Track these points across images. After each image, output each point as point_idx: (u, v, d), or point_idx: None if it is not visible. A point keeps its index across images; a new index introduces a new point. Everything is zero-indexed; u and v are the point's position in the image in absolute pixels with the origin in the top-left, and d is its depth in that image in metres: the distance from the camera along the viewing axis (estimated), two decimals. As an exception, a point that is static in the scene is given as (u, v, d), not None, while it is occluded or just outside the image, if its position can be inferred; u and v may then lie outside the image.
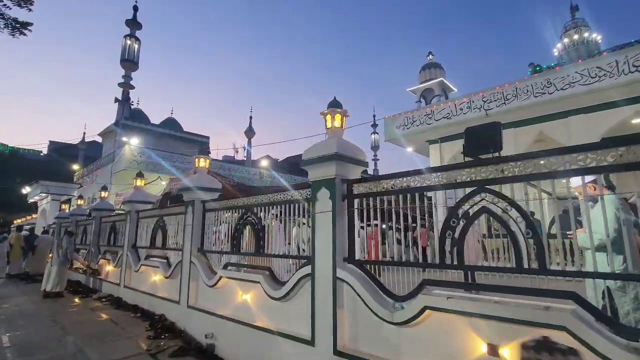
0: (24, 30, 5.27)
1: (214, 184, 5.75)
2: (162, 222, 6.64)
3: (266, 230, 4.36)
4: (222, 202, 5.26)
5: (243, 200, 4.75)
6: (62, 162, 37.67)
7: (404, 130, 11.52)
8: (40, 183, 17.46)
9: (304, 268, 3.62)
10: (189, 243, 5.51)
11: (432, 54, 12.64)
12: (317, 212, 3.54)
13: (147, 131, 22.98)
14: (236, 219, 4.81)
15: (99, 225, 9.82)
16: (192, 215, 5.53)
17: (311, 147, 3.72)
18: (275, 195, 4.27)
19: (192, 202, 5.58)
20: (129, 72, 22.95)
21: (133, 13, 23.43)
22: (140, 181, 8.04)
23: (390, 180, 3.17)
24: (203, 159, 5.82)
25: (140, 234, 7.56)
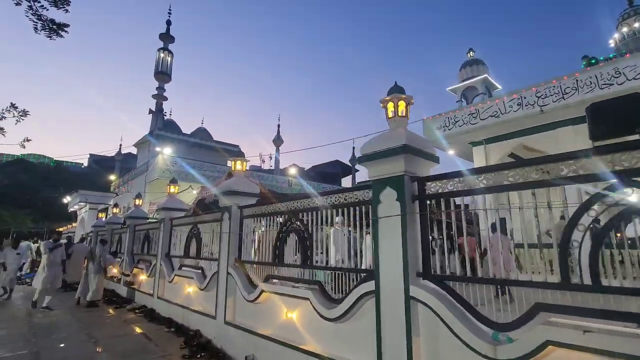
0: (61, 32, 5.10)
1: (251, 188, 5.31)
2: (196, 230, 6.28)
3: (315, 239, 3.82)
4: (261, 207, 4.79)
5: (286, 205, 4.25)
6: (100, 173, 39.40)
7: (446, 132, 10.70)
8: (79, 192, 18.03)
9: (366, 284, 3.03)
10: (225, 252, 5.08)
11: (472, 51, 11.84)
12: (381, 217, 2.95)
13: (179, 141, 23.36)
14: (278, 226, 4.32)
15: (133, 234, 9.70)
16: (229, 222, 5.10)
17: (371, 139, 3.17)
18: (324, 199, 3.73)
19: (229, 207, 5.16)
20: (162, 84, 23.56)
21: (166, 27, 24.16)
22: (174, 188, 7.80)
23: (479, 175, 2.55)
24: (240, 161, 5.41)
25: (174, 243, 7.26)
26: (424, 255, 2.76)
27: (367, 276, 3.12)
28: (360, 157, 3.10)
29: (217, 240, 5.49)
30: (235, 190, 5.08)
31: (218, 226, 5.49)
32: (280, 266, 4.27)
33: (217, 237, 5.52)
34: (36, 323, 6.42)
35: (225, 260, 5.02)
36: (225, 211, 5.23)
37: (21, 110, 11.02)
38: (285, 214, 4.26)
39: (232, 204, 5.12)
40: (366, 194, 3.30)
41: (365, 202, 3.30)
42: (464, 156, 12.26)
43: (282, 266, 4.25)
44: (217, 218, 5.57)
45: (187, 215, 7.68)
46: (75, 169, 61.83)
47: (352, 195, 3.46)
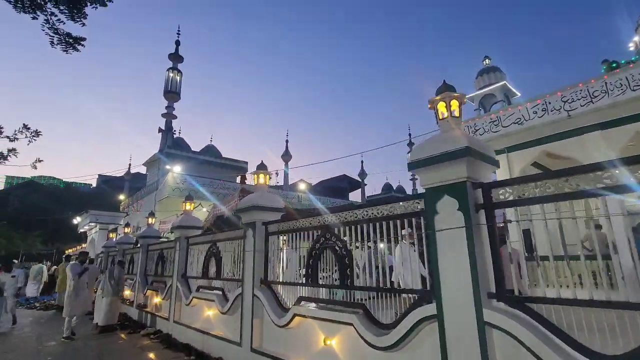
0: (77, 46, 4.94)
1: (276, 202, 4.99)
2: (215, 249, 5.94)
3: (354, 256, 3.46)
4: (289, 222, 4.45)
5: (319, 220, 3.92)
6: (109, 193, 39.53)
7: (466, 141, 10.40)
8: (89, 213, 17.87)
9: (424, 307, 2.65)
10: (250, 272, 4.72)
11: (488, 58, 11.63)
12: (440, 230, 2.60)
13: (189, 159, 23.33)
14: (310, 243, 3.97)
15: (146, 254, 9.37)
16: (253, 239, 4.76)
17: (422, 143, 2.86)
18: (363, 211, 3.39)
19: (253, 224, 4.83)
20: (171, 103, 23.73)
21: (175, 47, 24.53)
22: (189, 205, 7.51)
23: (559, 179, 2.20)
24: (262, 174, 5.12)
25: (191, 262, 6.91)
26: (496, 273, 2.39)
27: (421, 298, 2.75)
28: (412, 163, 2.78)
29: (240, 260, 5.15)
30: (259, 205, 4.76)
31: (240, 244, 5.16)
32: (314, 287, 3.90)
33: (239, 255, 5.19)
34: (47, 353, 6.05)
35: (250, 281, 4.65)
36: (248, 228, 4.90)
37: (33, 131, 10.97)
38: (317, 229, 3.92)
39: (256, 220, 4.80)
40: (415, 204, 2.95)
41: (413, 214, 2.96)
42: None
43: (317, 287, 3.87)
44: (239, 235, 5.24)
45: (204, 233, 7.37)
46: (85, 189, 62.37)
47: (397, 207, 3.11)
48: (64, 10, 4.79)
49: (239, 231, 5.29)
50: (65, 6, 4.75)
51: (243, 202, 4.98)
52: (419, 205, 2.92)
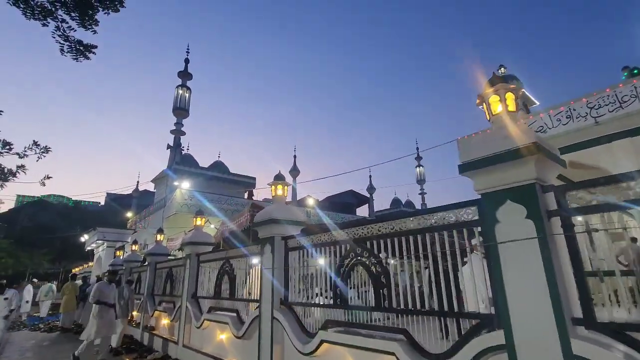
0: (88, 54, 4.73)
1: (296, 215, 4.62)
2: (228, 266, 5.54)
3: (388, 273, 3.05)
4: (311, 236, 4.07)
5: (347, 232, 3.53)
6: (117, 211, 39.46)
7: (485, 151, 10.00)
8: (97, 230, 17.61)
9: (488, 335, 2.23)
10: (268, 292, 4.30)
11: (504, 67, 11.40)
12: (503, 242, 2.20)
13: (197, 175, 23.16)
14: (338, 259, 3.57)
15: (154, 272, 8.98)
16: (272, 255, 4.37)
17: (475, 141, 2.50)
18: (401, 222, 3.00)
19: (271, 239, 4.45)
20: (180, 119, 23.79)
21: (184, 65, 24.81)
22: (200, 220, 7.17)
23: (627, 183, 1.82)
24: (281, 185, 4.77)
25: (202, 281, 6.50)
26: (581, 294, 1.97)
27: (483, 323, 2.32)
28: (465, 164, 2.41)
29: (256, 278, 4.75)
30: (277, 219, 4.39)
31: (258, 261, 4.77)
32: (344, 309, 3.47)
33: (257, 273, 4.79)
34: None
35: (269, 302, 4.24)
36: (266, 243, 4.52)
37: (43, 147, 10.84)
38: (345, 243, 3.53)
39: (274, 234, 4.42)
40: (466, 213, 2.57)
41: (465, 223, 2.57)
42: None
43: (347, 309, 3.45)
44: (255, 252, 4.86)
45: (214, 250, 6.99)
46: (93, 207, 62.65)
47: (446, 216, 2.72)
48: (75, 17, 4.61)
49: (255, 247, 4.91)
50: (77, 13, 4.58)
51: (260, 216, 4.61)
52: (471, 213, 2.54)
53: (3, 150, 10.55)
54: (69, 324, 10.73)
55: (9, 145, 10.60)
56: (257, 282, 4.81)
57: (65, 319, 10.72)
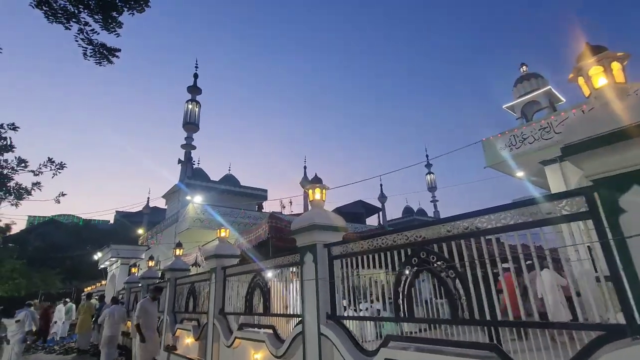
0: (112, 58, 4.51)
1: (337, 220, 4.26)
2: (260, 279, 5.17)
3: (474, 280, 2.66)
4: (360, 242, 3.69)
5: (406, 236, 3.15)
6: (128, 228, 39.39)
7: (513, 151, 9.58)
8: (111, 247, 17.36)
9: (624, 350, 1.82)
10: (312, 306, 3.91)
11: (525, 65, 11.08)
12: (633, 236, 1.82)
13: (209, 189, 22.96)
14: (397, 266, 3.18)
15: (174, 288, 8.60)
16: (314, 265, 3.99)
17: (576, 121, 2.14)
18: (478, 220, 2.63)
19: (312, 247, 4.08)
20: (190, 134, 23.76)
21: (194, 80, 24.93)
22: (224, 231, 6.82)
23: None
24: (319, 189, 4.42)
25: (229, 297, 6.12)
26: None
27: (608, 336, 1.92)
28: (573, 145, 2.04)
29: (295, 291, 4.37)
30: (319, 224, 4.03)
31: (297, 272, 4.39)
32: (410, 322, 3.07)
33: (295, 286, 4.41)
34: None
35: (314, 317, 3.84)
36: (306, 252, 4.15)
37: (58, 164, 10.68)
38: (405, 247, 3.15)
39: (316, 241, 4.05)
40: (570, 204, 2.19)
41: (567, 217, 2.19)
42: (535, 178, 10.93)
43: (413, 322, 3.04)
44: (293, 262, 4.49)
45: (242, 262, 6.62)
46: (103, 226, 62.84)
47: (532, 211, 2.35)
48: (98, 19, 4.41)
49: (291, 257, 4.54)
50: (100, 15, 4.38)
51: (299, 222, 4.26)
52: (575, 206, 2.15)
53: (18, 167, 10.42)
54: (85, 345, 10.35)
55: (24, 162, 10.47)
56: (295, 295, 4.44)
57: (81, 340, 10.35)
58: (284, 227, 11.74)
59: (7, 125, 8.90)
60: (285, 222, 12.43)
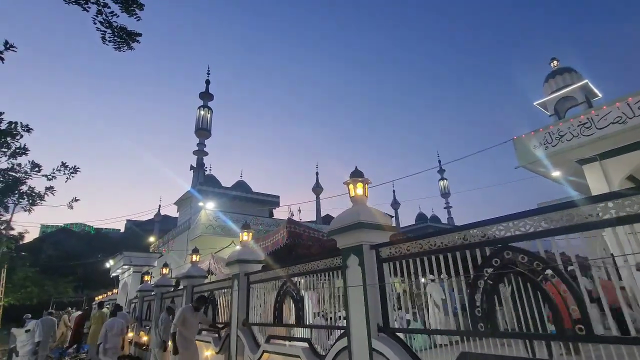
0: (132, 42, 4.13)
1: (382, 218, 3.76)
2: (291, 287, 4.66)
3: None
4: (418, 241, 3.17)
5: (482, 232, 2.64)
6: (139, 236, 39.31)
7: (548, 149, 8.97)
8: (123, 254, 17.04)
9: None
10: (360, 317, 3.39)
11: (556, 60, 10.50)
12: None
13: (221, 195, 22.64)
14: (472, 270, 2.66)
15: (190, 297, 8.13)
16: (360, 269, 3.48)
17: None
18: (579, 210, 2.11)
19: (357, 248, 3.58)
20: (202, 140, 23.58)
21: (205, 87, 24.87)
22: (246, 234, 6.36)
23: None
24: (361, 183, 3.94)
25: (254, 306, 5.62)
26: None
27: None
28: None
29: (333, 298, 3.86)
30: (365, 223, 3.53)
31: (337, 277, 3.89)
32: (492, 337, 2.53)
33: (333, 292, 3.91)
34: None
35: (363, 329, 3.31)
36: (350, 254, 3.65)
37: (71, 168, 10.39)
38: (482, 246, 2.63)
39: (362, 242, 3.55)
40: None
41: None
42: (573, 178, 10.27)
43: (497, 337, 2.51)
44: (333, 265, 3.98)
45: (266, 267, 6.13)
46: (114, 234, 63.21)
47: None
48: (118, 0, 4.05)
49: (329, 260, 4.04)
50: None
51: (341, 220, 3.77)
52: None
53: (32, 172, 10.15)
54: (95, 356, 9.88)
55: (38, 166, 10.21)
56: (333, 303, 3.93)
57: (92, 351, 9.88)
58: (302, 232, 11.26)
59: (22, 127, 8.66)
60: (304, 227, 11.93)
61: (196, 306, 5.80)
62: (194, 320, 5.69)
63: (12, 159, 9.62)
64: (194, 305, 5.81)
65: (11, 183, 8.72)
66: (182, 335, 5.43)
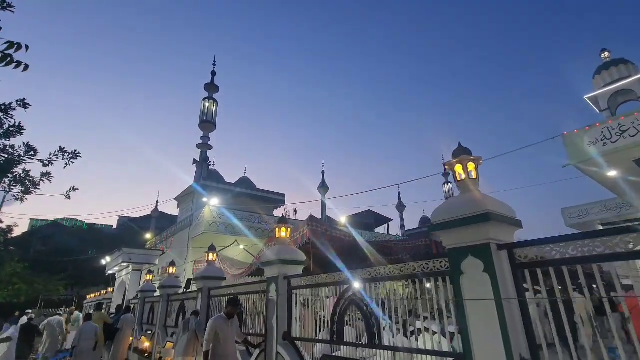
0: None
1: (508, 209, 2.82)
2: (357, 296, 3.70)
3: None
4: (578, 242, 2.24)
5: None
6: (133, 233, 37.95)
7: (607, 146, 8.13)
8: (122, 251, 15.88)
9: None
10: (489, 342, 2.44)
11: (607, 51, 9.72)
12: None
13: (225, 191, 21.57)
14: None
15: (207, 300, 7.10)
16: (489, 277, 2.54)
17: None
18: None
19: (480, 248, 2.64)
20: (207, 133, 22.48)
21: (211, 78, 23.79)
22: (284, 230, 5.36)
23: None
24: (472, 163, 3.00)
25: (296, 317, 4.64)
26: None
27: None
28: None
29: (434, 312, 2.90)
30: (492, 214, 2.59)
31: (448, 289, 2.93)
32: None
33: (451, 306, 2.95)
34: None
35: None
36: (465, 256, 2.70)
37: (71, 153, 9.31)
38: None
39: (490, 239, 2.60)
40: None
41: None
42: (635, 178, 9.42)
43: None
44: (434, 270, 3.03)
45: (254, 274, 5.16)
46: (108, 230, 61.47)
47: None
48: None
49: (430, 262, 3.09)
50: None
51: (451, 210, 2.82)
52: None
53: (27, 156, 9.01)
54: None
55: (34, 150, 9.08)
56: (433, 314, 2.97)
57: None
58: (325, 231, 10.30)
59: (17, 102, 7.59)
60: (327, 226, 10.98)
61: (230, 312, 4.72)
62: (230, 331, 4.63)
63: (4, 139, 8.54)
64: (227, 312, 4.74)
65: (4, 164, 7.60)
66: (216, 354, 4.39)
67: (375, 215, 36.90)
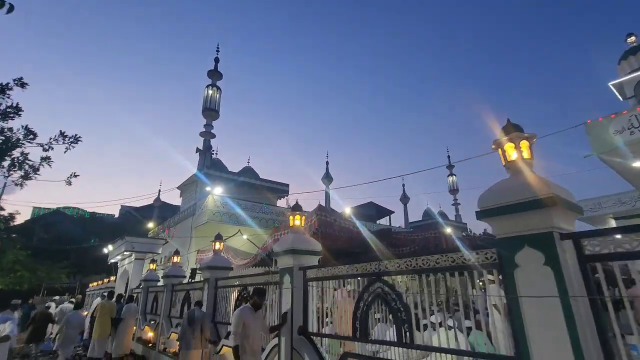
0: None
1: (568, 193, 2.46)
2: (384, 288, 3.37)
3: None
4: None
5: None
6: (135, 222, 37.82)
7: (633, 135, 7.72)
8: (125, 239, 15.63)
9: None
10: (554, 347, 2.11)
11: (634, 35, 9.24)
12: None
13: (228, 180, 21.25)
14: None
15: (213, 291, 6.82)
16: (553, 272, 2.18)
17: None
18: None
19: (539, 238, 2.28)
20: (210, 121, 22.07)
21: (214, 65, 23.28)
22: (298, 218, 5.01)
23: None
24: (525, 141, 2.63)
25: (312, 310, 4.33)
26: None
27: None
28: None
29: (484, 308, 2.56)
30: (555, 198, 2.23)
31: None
32: None
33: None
34: None
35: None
36: (521, 246, 2.35)
37: (72, 137, 8.96)
38: None
39: (552, 229, 2.25)
40: None
41: None
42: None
43: None
44: (484, 262, 2.68)
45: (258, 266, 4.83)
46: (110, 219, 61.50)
47: None
48: None
49: (476, 252, 2.75)
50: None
51: (501, 194, 2.46)
52: None
53: (26, 139, 8.64)
54: (101, 354, 8.51)
55: (33, 134, 8.71)
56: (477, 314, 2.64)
57: (98, 348, 8.47)
58: (333, 221, 9.98)
59: (14, 81, 7.22)
60: (336, 216, 10.65)
61: (255, 302, 4.35)
62: (257, 324, 4.25)
63: (2, 121, 8.18)
64: (253, 303, 4.36)
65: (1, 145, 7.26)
66: (245, 350, 4.05)
67: (377, 207, 36.70)
